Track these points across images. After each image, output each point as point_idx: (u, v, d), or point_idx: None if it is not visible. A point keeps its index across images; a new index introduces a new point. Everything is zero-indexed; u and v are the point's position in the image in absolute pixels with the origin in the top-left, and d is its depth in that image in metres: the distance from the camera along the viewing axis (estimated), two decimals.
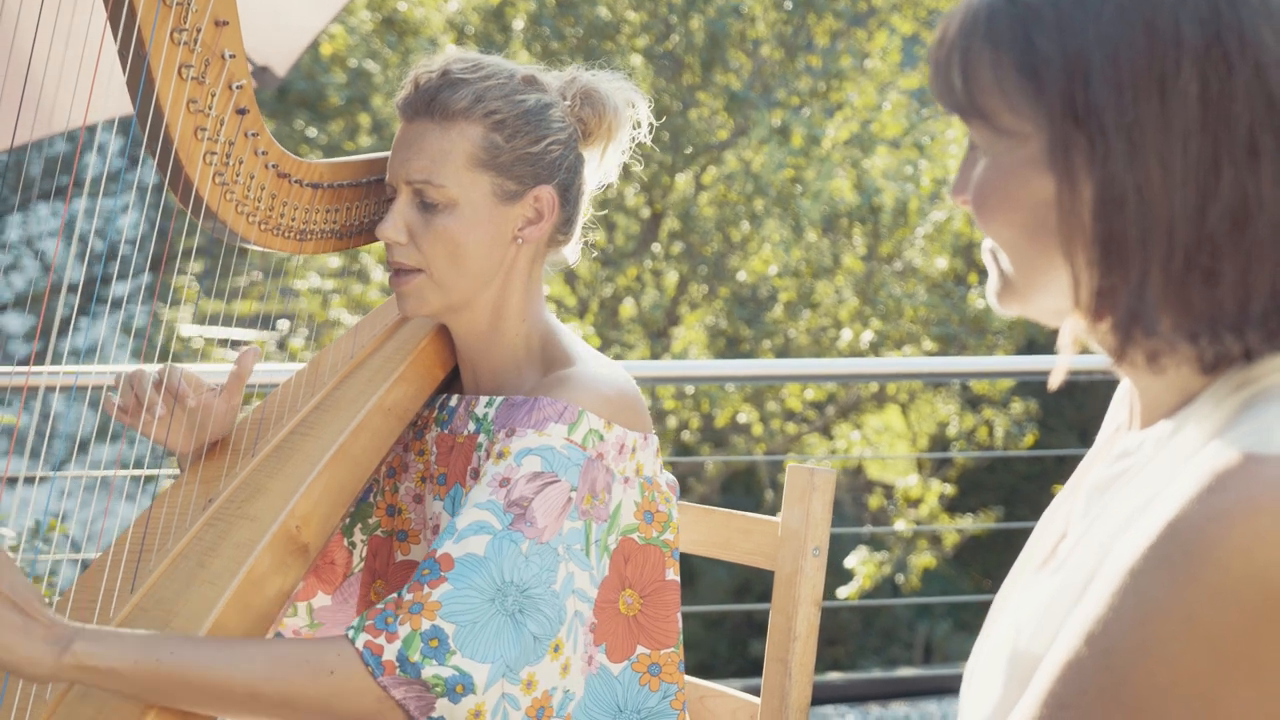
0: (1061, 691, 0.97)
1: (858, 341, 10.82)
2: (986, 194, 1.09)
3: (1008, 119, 1.06)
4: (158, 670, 1.54)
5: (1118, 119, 1.00)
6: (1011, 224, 1.08)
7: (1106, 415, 1.32)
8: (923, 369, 7.15)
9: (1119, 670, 0.94)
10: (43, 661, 1.51)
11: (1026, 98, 1.04)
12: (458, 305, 1.84)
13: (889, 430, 13.47)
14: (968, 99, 1.08)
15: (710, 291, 11.16)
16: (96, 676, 1.53)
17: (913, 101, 12.15)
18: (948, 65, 1.10)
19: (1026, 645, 1.08)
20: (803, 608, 1.88)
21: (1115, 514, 1.06)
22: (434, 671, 1.57)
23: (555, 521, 1.66)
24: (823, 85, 11.40)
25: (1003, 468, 14.17)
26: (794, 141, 10.63)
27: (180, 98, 1.71)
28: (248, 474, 1.82)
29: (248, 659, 1.57)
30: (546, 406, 1.72)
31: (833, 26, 11.50)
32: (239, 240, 1.82)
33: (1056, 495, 1.28)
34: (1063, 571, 1.09)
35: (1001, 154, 1.08)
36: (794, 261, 10.69)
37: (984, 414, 11.73)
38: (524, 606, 1.61)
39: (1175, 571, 0.92)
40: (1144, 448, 1.09)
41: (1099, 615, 0.96)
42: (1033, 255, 1.08)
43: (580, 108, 1.87)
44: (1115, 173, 1.00)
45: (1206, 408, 1.04)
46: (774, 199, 10.48)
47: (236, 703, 1.58)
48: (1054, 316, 1.13)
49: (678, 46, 10.52)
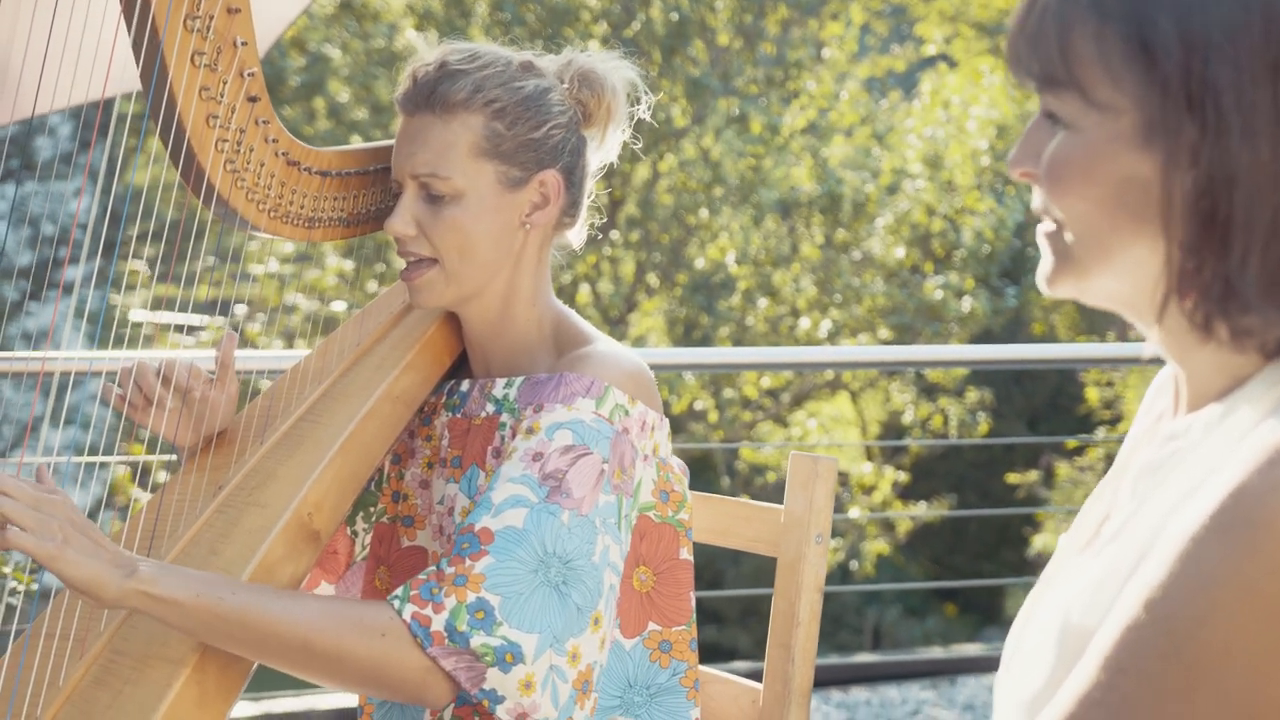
0: (1120, 655, 0.99)
1: (816, 330, 10.87)
2: (1067, 166, 1.10)
3: (1104, 92, 1.07)
4: (218, 606, 1.57)
5: (1236, 99, 1.01)
6: (1089, 198, 1.09)
7: (1143, 404, 1.33)
8: (880, 357, 7.20)
9: (1178, 636, 0.96)
10: (109, 583, 1.54)
11: (1134, 72, 1.05)
12: (470, 294, 1.85)
13: (840, 419, 13.55)
14: (1064, 68, 1.08)
15: (667, 279, 11.18)
16: (157, 605, 1.56)
17: (871, 92, 12.22)
18: (1041, 34, 1.10)
19: (1079, 621, 1.09)
20: (805, 593, 1.91)
21: (1169, 492, 1.08)
22: (482, 640, 1.59)
23: (591, 493, 1.68)
24: (779, 74, 11.44)
25: (953, 455, 14.29)
26: (753, 129, 10.66)
27: (193, 85, 1.71)
28: (257, 461, 1.82)
29: (305, 609, 1.60)
30: (573, 382, 1.74)
31: (785, 15, 11.54)
32: (249, 228, 1.82)
33: (1100, 481, 1.30)
34: (1110, 550, 1.11)
35: (1090, 128, 1.08)
36: (753, 250, 10.72)
37: (939, 402, 11.82)
38: (567, 578, 1.63)
39: (1236, 541, 0.94)
40: (1193, 430, 1.10)
41: (1159, 582, 0.98)
42: (1106, 231, 1.09)
43: (579, 90, 1.88)
44: (1229, 153, 1.01)
45: (1258, 390, 1.06)
46: (733, 187, 10.51)
47: (288, 651, 1.60)
48: (1106, 298, 1.14)
49: (639, 34, 10.52)
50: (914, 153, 11.59)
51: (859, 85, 12.20)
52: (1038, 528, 11.64)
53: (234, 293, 3.70)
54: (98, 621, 1.69)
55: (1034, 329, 14.25)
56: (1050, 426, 14.69)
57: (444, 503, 1.84)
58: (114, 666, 1.64)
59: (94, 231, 1.92)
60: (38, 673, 1.65)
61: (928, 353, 7.72)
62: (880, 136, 11.55)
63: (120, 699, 1.60)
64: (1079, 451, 11.74)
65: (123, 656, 1.64)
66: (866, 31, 14.20)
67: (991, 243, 11.22)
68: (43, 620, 1.72)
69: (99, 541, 1.57)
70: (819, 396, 12.93)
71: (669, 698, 1.81)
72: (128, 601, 1.56)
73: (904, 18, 16.98)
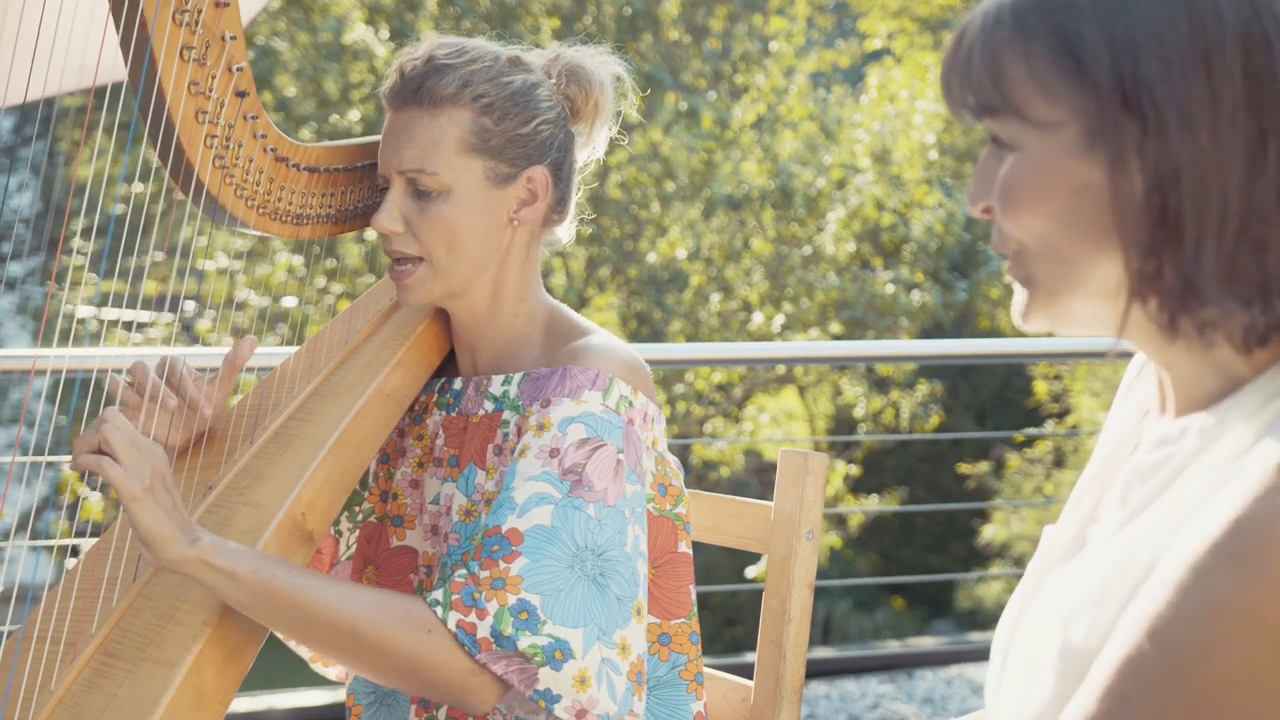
0: (1122, 687, 0.99)
1: (769, 324, 10.90)
2: (1019, 187, 1.11)
3: (1041, 109, 1.08)
4: (273, 584, 1.58)
5: (1169, 94, 1.03)
6: (1045, 214, 1.10)
7: (1120, 390, 1.33)
8: (832, 352, 7.19)
9: (1184, 667, 0.95)
10: (174, 543, 1.57)
11: (1066, 84, 1.07)
12: (458, 291, 1.83)
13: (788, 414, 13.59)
14: (998, 94, 1.10)
15: (619, 274, 11.18)
16: (213, 575, 1.58)
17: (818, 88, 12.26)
18: (970, 66, 1.12)
19: (1081, 644, 1.09)
20: (796, 590, 1.91)
21: (1167, 509, 1.08)
22: (530, 641, 1.58)
23: (613, 484, 1.67)
24: (727, 68, 11.45)
25: (901, 449, 14.37)
26: (703, 124, 10.67)
27: (182, 81, 1.69)
28: (248, 460, 1.80)
29: (357, 597, 1.61)
30: (578, 375, 1.73)
31: (730, 10, 11.56)
32: (239, 225, 1.80)
33: (1077, 483, 1.30)
34: (1104, 558, 1.11)
35: (1031, 145, 1.10)
36: (705, 246, 10.73)
37: (891, 396, 11.88)
38: (603, 570, 1.63)
39: (1242, 570, 0.94)
40: (1186, 436, 1.10)
41: (1161, 612, 0.97)
42: (1067, 248, 1.10)
43: (566, 85, 1.87)
44: (1170, 146, 1.03)
45: (1254, 401, 1.06)
46: (684, 182, 10.51)
47: (337, 636, 1.60)
48: (1082, 321, 1.14)
49: (590, 27, 10.50)
50: (862, 147, 11.64)
51: (806, 80, 12.23)
52: (987, 519, 11.72)
53: (183, 288, 3.65)
54: (89, 624, 1.67)
55: (979, 323, 14.35)
56: (997, 420, 14.80)
57: (439, 502, 1.82)
58: (107, 670, 1.61)
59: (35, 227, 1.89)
60: (29, 676, 1.63)
61: (882, 348, 7.76)
62: (829, 131, 11.59)
63: (115, 702, 1.57)
64: (1028, 444, 11.84)
65: (116, 660, 1.62)
66: (811, 26, 14.25)
67: (941, 237, 11.29)
68: (34, 623, 1.70)
69: (177, 503, 1.59)
70: (768, 391, 12.96)
71: (667, 691, 1.81)
72: (185, 567, 1.58)
73: (847, 13, 17.06)
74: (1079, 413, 10.36)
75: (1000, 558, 11.32)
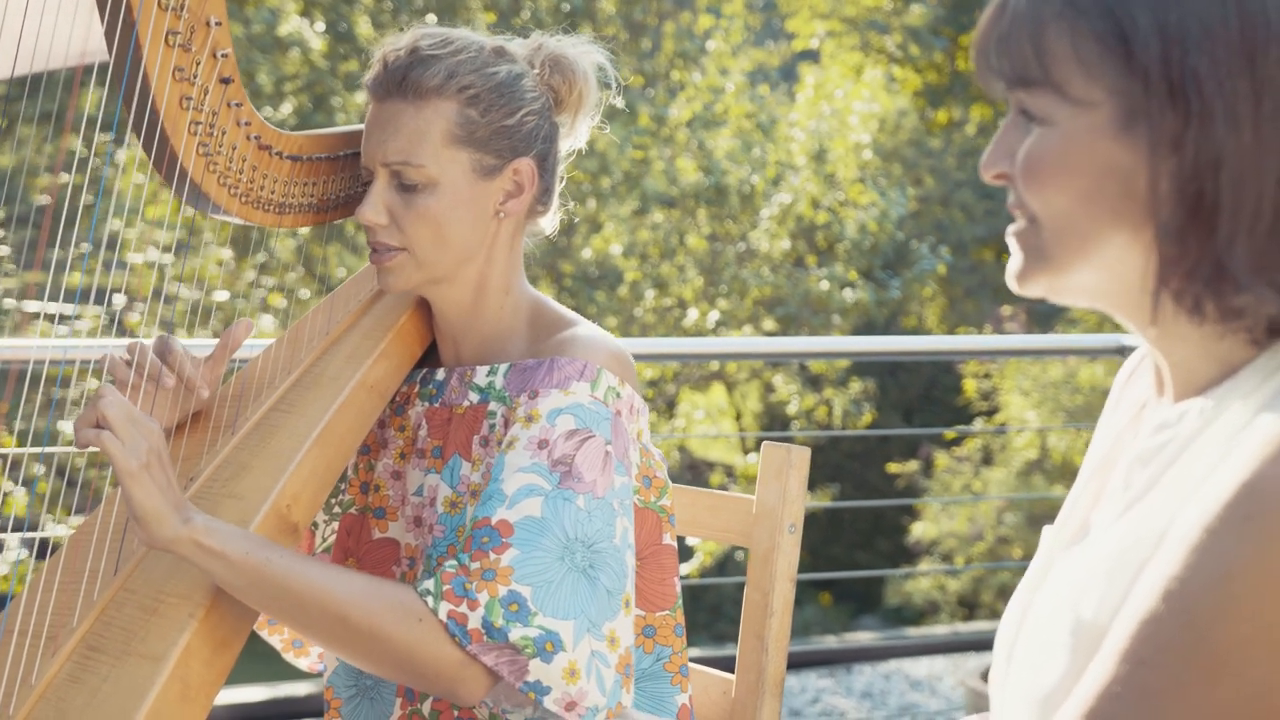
0: (1139, 648, 1.01)
1: (704, 321, 10.92)
2: (1045, 161, 1.13)
3: (1078, 87, 1.10)
4: (264, 567, 1.57)
5: (1216, 88, 1.05)
6: (1068, 190, 1.12)
7: (1112, 395, 1.36)
8: (767, 349, 7.23)
9: (1199, 627, 0.98)
10: (168, 522, 1.56)
11: (1111, 65, 1.09)
12: (439, 279, 1.82)
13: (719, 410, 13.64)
14: (1039, 67, 1.12)
15: (553, 270, 11.15)
16: (205, 556, 1.57)
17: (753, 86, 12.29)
18: (1011, 36, 1.13)
19: (1092, 618, 1.10)
20: (779, 583, 1.92)
21: (1173, 484, 1.10)
22: (521, 633, 1.57)
23: (602, 476, 1.67)
24: (661, 65, 11.46)
25: (831, 447, 14.46)
26: (640, 121, 10.67)
27: (167, 66, 1.66)
28: (230, 451, 1.78)
29: (347, 581, 1.60)
30: (565, 366, 1.72)
31: (659, 8, 11.57)
32: (220, 213, 1.78)
33: (1080, 473, 1.32)
34: (1110, 539, 1.12)
35: (1065, 121, 1.11)
36: (640, 242, 10.73)
37: (825, 393, 11.94)
38: (593, 561, 1.62)
39: (1255, 529, 0.97)
40: (1187, 419, 1.13)
41: (1176, 574, 1.00)
42: (1084, 224, 1.12)
43: (550, 75, 1.85)
44: (1214, 138, 1.05)
45: (1252, 381, 1.09)
46: (621, 179, 10.50)
47: (326, 621, 1.59)
48: (1081, 293, 1.17)
49: (528, 23, 10.47)
50: (797, 146, 11.69)
51: (744, 78, 12.27)
52: (916, 516, 11.81)
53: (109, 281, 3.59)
54: (69, 618, 1.64)
55: (904, 322, 14.47)
56: (925, 418, 14.92)
57: (422, 493, 1.81)
58: (90, 664, 1.59)
59: None
60: (10, 670, 1.60)
61: (816, 344, 7.80)
62: (765, 130, 11.63)
63: (99, 697, 1.55)
64: (957, 442, 11.95)
65: (99, 653, 1.59)
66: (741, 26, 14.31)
67: (874, 235, 11.36)
68: (14, 617, 1.67)
69: (172, 481, 1.58)
70: (696, 387, 12.99)
71: (652, 683, 1.80)
72: (178, 547, 1.57)
73: (775, 13, 17.13)
74: (1008, 410, 10.46)
75: (929, 555, 11.42)
